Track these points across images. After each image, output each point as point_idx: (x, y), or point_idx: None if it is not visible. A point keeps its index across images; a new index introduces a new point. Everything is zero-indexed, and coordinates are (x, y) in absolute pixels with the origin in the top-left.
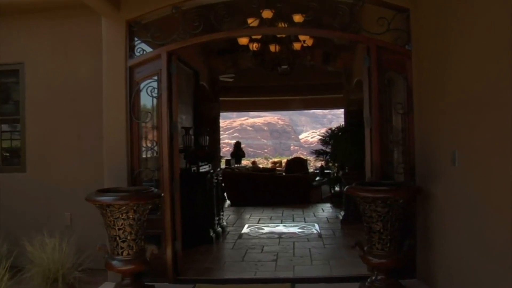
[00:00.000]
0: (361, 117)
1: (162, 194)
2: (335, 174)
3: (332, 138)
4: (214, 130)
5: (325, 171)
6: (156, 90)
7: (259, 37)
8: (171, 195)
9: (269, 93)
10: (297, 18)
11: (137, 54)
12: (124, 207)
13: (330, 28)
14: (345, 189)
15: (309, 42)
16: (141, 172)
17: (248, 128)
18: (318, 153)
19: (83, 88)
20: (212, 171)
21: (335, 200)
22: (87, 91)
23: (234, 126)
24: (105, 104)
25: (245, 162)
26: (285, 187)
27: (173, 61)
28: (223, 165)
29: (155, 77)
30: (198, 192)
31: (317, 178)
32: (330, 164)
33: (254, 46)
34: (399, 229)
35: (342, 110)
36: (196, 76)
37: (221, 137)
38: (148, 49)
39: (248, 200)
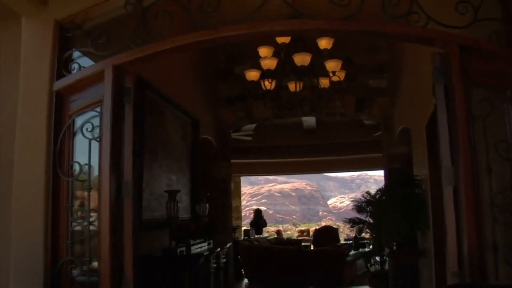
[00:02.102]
0: (408, 176)
1: None
2: (375, 247)
3: (371, 204)
4: (224, 196)
5: (360, 241)
6: (99, 130)
7: (273, 65)
8: None
9: (293, 154)
10: (324, 43)
11: (74, 71)
12: None
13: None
14: None
15: (340, 74)
16: (69, 262)
17: (276, 194)
18: (353, 222)
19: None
20: (208, 252)
21: (376, 282)
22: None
23: (262, 192)
24: (17, 151)
25: (272, 228)
26: (313, 264)
27: (126, 82)
28: (242, 236)
29: (99, 108)
30: (186, 283)
31: (352, 252)
32: (365, 234)
33: (267, 84)
34: None
35: (372, 174)
36: (196, 126)
37: (248, 203)
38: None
39: (270, 278)
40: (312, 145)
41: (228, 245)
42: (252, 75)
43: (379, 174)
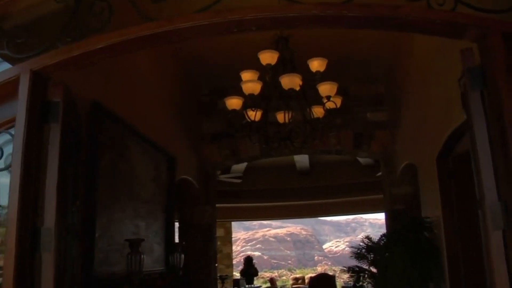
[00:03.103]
0: (415, 219)
1: None
2: None
3: (373, 251)
4: (207, 244)
5: None
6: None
7: (257, 89)
8: None
9: (286, 198)
10: (316, 64)
11: None
12: None
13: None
14: None
15: (336, 100)
16: None
17: (271, 239)
18: (352, 271)
19: None
20: None
21: None
22: None
23: (256, 237)
24: None
25: (267, 274)
26: None
27: (51, 94)
28: None
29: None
30: None
31: None
32: (365, 284)
33: (251, 114)
34: None
35: (367, 217)
36: (172, 165)
37: (243, 249)
38: None
39: None
40: (306, 188)
41: None
42: (234, 102)
43: (375, 217)
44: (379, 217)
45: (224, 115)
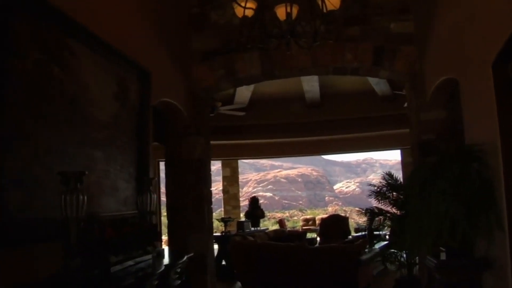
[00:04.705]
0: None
1: None
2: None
3: (397, 189)
4: (199, 182)
5: (375, 232)
6: None
7: None
8: None
9: (294, 133)
10: None
11: None
12: None
13: None
14: None
15: None
16: None
17: (282, 180)
18: (371, 214)
19: None
20: (149, 270)
21: None
22: None
23: (268, 178)
24: None
25: (278, 214)
26: (320, 265)
27: None
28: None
29: None
30: None
31: (366, 249)
32: (378, 224)
33: (239, 11)
34: None
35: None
36: (145, 82)
37: (254, 189)
38: None
39: (266, 282)
40: (316, 122)
41: (186, 257)
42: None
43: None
44: (390, 158)
45: (218, 29)
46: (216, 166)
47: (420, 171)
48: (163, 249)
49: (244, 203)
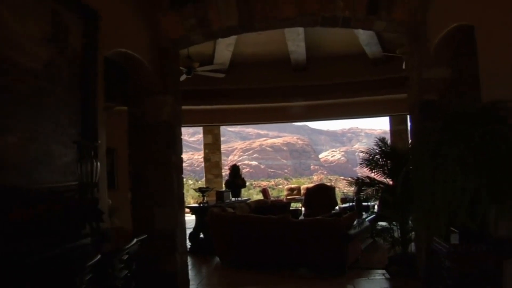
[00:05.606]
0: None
1: None
2: (418, 231)
3: (392, 157)
4: (169, 148)
5: (363, 203)
6: None
7: None
8: None
9: (279, 98)
10: None
11: None
12: None
13: None
14: None
15: None
16: None
17: (268, 148)
18: (361, 184)
19: None
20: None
21: (397, 270)
22: None
23: (253, 147)
24: None
25: (264, 183)
26: (305, 239)
27: None
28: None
29: None
30: None
31: (355, 222)
32: (370, 195)
33: None
34: None
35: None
36: (90, 24)
37: (240, 158)
38: None
39: (246, 258)
40: (302, 86)
41: (136, 240)
42: None
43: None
44: (375, 127)
45: None
46: (201, 134)
47: (429, 135)
48: (109, 230)
49: (227, 172)
